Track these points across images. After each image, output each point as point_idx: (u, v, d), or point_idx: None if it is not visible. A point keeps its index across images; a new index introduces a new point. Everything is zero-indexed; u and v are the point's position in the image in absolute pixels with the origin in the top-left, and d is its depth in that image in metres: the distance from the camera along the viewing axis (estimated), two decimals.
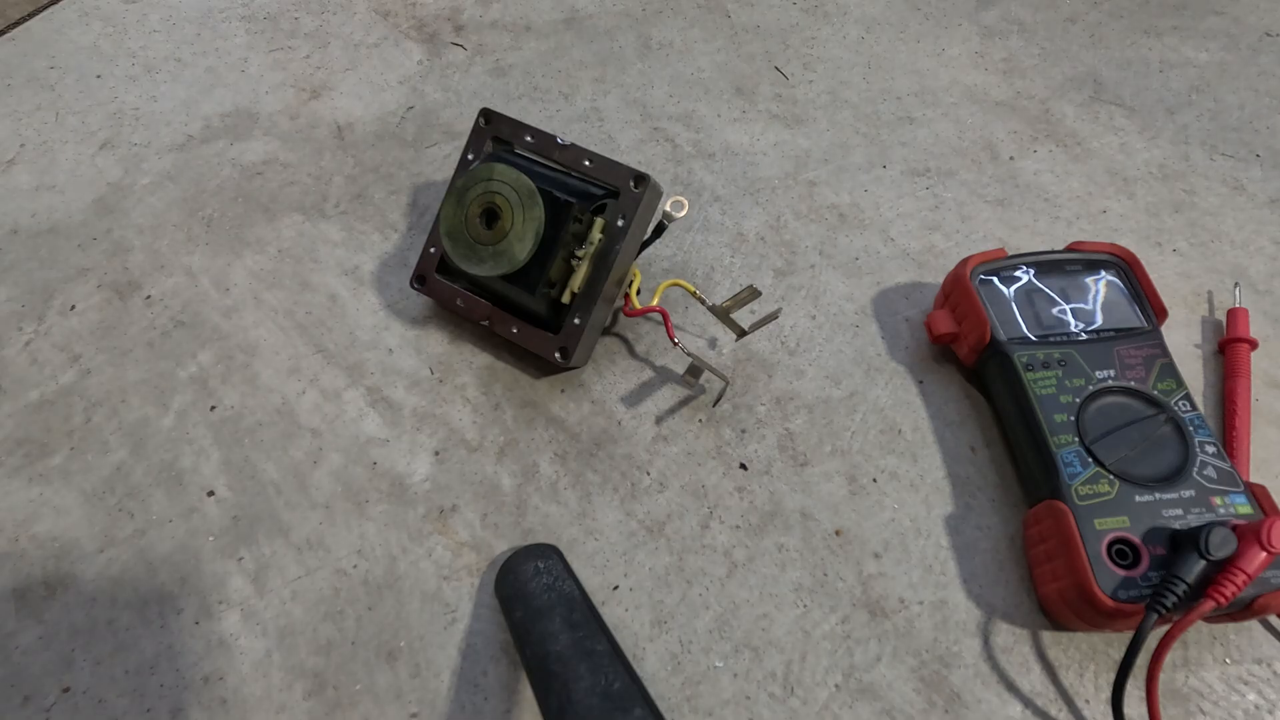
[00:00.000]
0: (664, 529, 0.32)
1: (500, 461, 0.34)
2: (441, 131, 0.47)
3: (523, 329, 0.35)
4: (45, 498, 0.34)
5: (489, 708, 0.28)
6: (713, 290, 0.39)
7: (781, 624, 0.29)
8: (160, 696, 0.29)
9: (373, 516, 0.33)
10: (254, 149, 0.47)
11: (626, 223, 0.33)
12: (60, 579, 0.32)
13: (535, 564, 0.29)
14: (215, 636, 0.30)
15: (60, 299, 0.40)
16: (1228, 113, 0.46)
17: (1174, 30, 0.51)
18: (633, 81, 0.49)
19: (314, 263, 0.41)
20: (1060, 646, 0.29)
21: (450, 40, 0.53)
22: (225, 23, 0.55)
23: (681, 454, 0.34)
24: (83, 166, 0.46)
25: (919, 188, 0.43)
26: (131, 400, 0.37)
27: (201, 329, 0.39)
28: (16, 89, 0.51)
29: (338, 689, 0.29)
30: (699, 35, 0.52)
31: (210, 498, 0.34)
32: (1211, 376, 0.35)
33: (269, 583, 0.31)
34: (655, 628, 0.30)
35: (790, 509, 0.32)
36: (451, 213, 0.34)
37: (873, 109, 0.47)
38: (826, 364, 0.36)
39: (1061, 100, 0.47)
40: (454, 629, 0.30)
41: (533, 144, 0.36)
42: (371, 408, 0.36)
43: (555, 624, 0.27)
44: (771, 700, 0.28)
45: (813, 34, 0.52)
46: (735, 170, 0.44)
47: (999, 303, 0.33)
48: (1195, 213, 0.41)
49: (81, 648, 0.30)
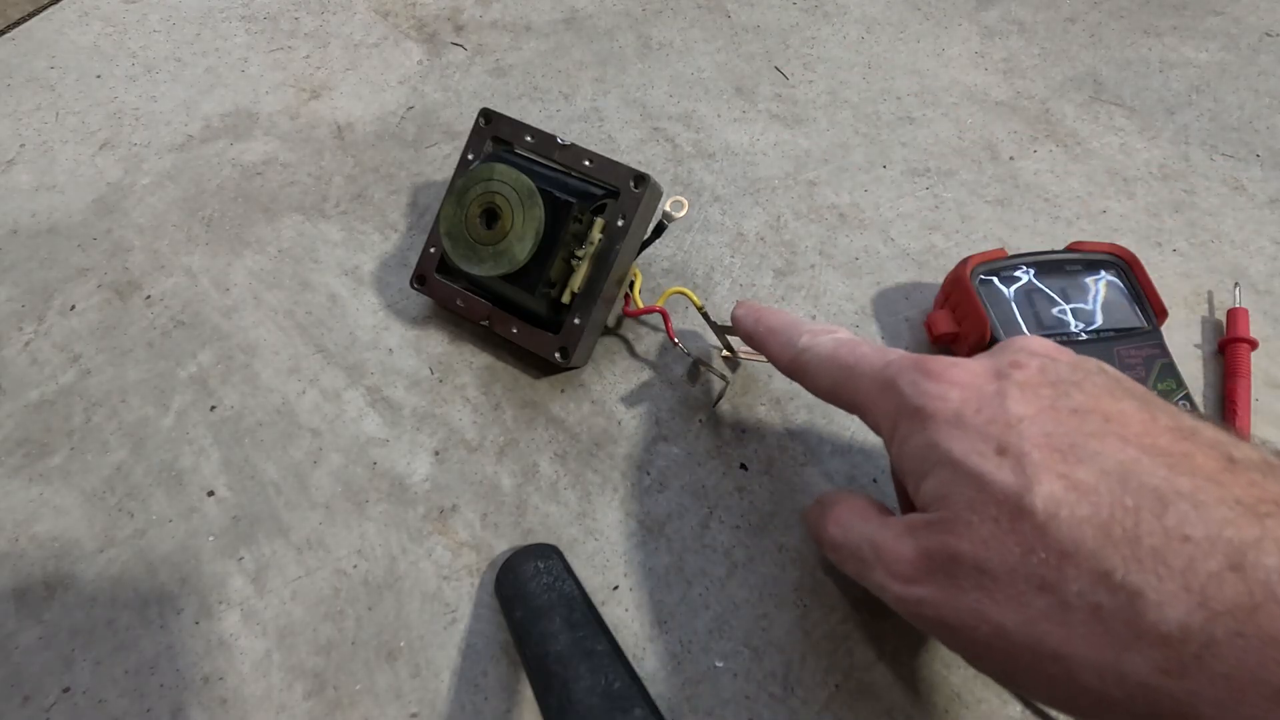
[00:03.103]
0: (664, 529, 0.32)
1: (500, 461, 0.34)
2: (441, 131, 0.47)
3: (523, 329, 0.35)
4: (45, 498, 0.34)
5: (489, 708, 0.28)
6: (713, 290, 0.39)
7: (781, 624, 0.29)
8: (160, 696, 0.29)
9: (373, 516, 0.33)
10: (254, 149, 0.47)
11: (626, 223, 0.33)
12: (60, 579, 0.32)
13: (535, 564, 0.29)
14: (215, 636, 0.30)
15: (60, 299, 0.40)
16: (1228, 113, 0.46)
17: (1174, 30, 0.51)
18: (633, 81, 0.49)
19: (314, 263, 0.41)
20: None
21: (450, 40, 0.53)
22: (225, 23, 0.55)
23: (681, 454, 0.34)
24: (83, 166, 0.46)
25: (919, 188, 0.43)
26: (131, 400, 0.37)
27: (201, 329, 0.39)
28: (16, 89, 0.51)
29: (338, 689, 0.29)
30: (699, 35, 0.52)
31: (210, 498, 0.34)
32: (1211, 376, 0.35)
33: (269, 583, 0.31)
34: (655, 628, 0.30)
35: (790, 509, 0.32)
36: (451, 213, 0.34)
37: (873, 109, 0.47)
38: None
39: (1061, 100, 0.47)
40: (454, 629, 0.30)
41: (533, 144, 0.36)
42: (371, 408, 0.36)
43: (555, 624, 0.27)
44: (771, 700, 0.28)
45: (813, 34, 0.52)
46: (735, 170, 0.44)
47: (999, 303, 0.33)
48: (1195, 213, 0.41)
49: (81, 648, 0.30)
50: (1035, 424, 0.19)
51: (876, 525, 0.23)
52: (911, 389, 0.22)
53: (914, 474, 0.22)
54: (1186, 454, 0.18)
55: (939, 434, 0.21)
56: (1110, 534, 0.17)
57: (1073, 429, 0.19)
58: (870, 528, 0.23)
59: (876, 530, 0.23)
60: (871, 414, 0.24)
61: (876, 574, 0.22)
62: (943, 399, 0.21)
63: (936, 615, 0.20)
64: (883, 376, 0.23)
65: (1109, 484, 0.18)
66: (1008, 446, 0.19)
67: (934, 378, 0.22)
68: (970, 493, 0.19)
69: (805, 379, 0.27)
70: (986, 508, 0.19)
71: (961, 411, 0.20)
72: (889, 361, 0.23)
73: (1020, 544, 0.18)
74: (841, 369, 0.25)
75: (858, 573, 0.24)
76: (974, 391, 0.21)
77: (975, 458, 0.19)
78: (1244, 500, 0.17)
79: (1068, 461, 0.18)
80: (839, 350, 0.26)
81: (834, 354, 0.26)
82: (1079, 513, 0.18)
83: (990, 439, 0.20)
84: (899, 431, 0.22)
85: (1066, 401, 0.20)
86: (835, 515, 0.25)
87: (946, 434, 0.20)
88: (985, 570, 0.19)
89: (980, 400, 0.20)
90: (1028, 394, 0.20)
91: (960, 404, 0.21)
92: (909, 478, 0.22)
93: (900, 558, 0.21)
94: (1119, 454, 0.18)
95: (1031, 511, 0.18)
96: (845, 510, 0.25)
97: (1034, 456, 0.19)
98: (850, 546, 0.24)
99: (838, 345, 0.26)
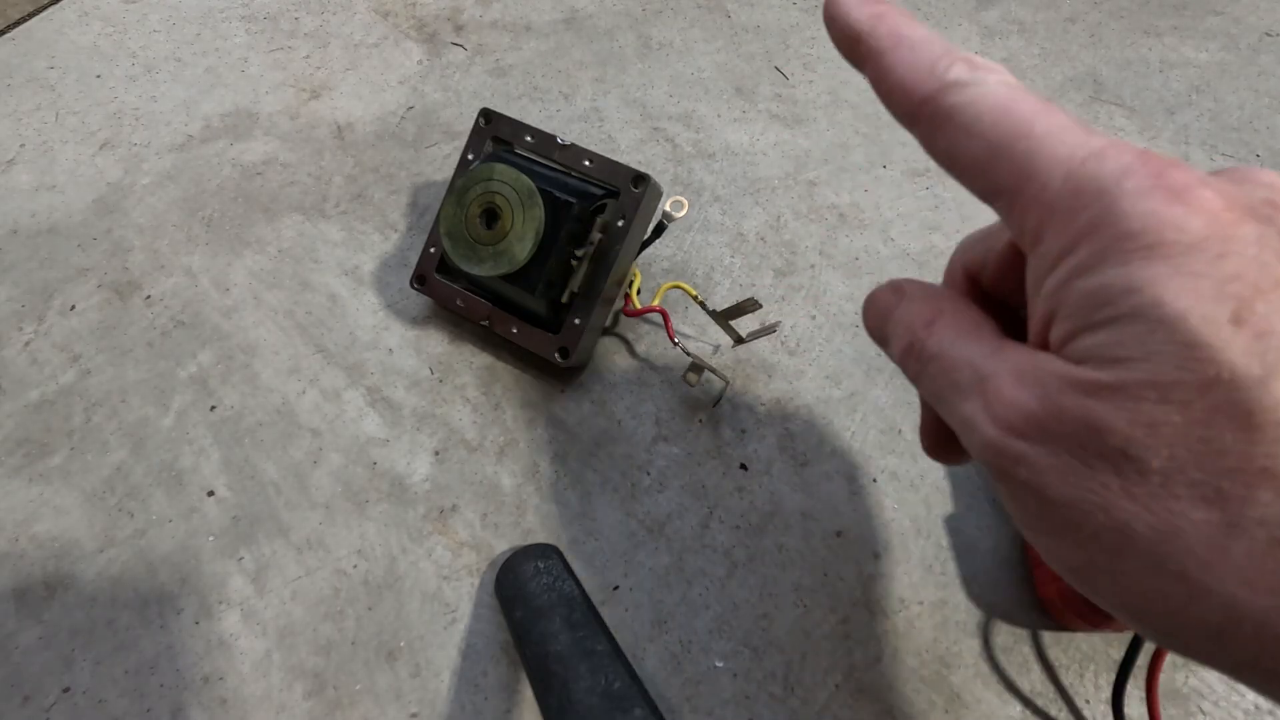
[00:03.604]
0: (664, 529, 0.32)
1: (500, 461, 0.34)
2: (441, 131, 0.47)
3: (523, 329, 0.35)
4: (45, 498, 0.34)
5: (489, 708, 0.28)
6: (713, 290, 0.39)
7: (781, 624, 0.29)
8: (160, 696, 0.29)
9: (373, 516, 0.33)
10: (254, 149, 0.47)
11: (626, 223, 0.33)
12: (60, 579, 0.32)
13: (535, 564, 0.29)
14: (215, 636, 0.30)
15: (60, 299, 0.40)
16: (1228, 113, 0.46)
17: (1174, 30, 0.51)
18: (633, 81, 0.49)
19: (314, 263, 0.41)
20: (1060, 646, 0.29)
21: (450, 40, 0.53)
22: (225, 23, 0.55)
23: (681, 454, 0.34)
24: (83, 166, 0.46)
25: (919, 188, 0.43)
26: (131, 400, 0.37)
27: (201, 329, 0.39)
28: (16, 89, 0.51)
29: (338, 689, 0.29)
30: (699, 35, 0.52)
31: (210, 498, 0.34)
32: None
33: (269, 583, 0.31)
34: (655, 628, 0.30)
35: (790, 509, 0.32)
36: (451, 213, 0.34)
37: (873, 109, 0.47)
38: (826, 364, 0.36)
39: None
40: (454, 629, 0.30)
41: (533, 144, 0.36)
42: (371, 408, 0.36)
43: (555, 624, 0.27)
44: (771, 700, 0.28)
45: (813, 34, 0.52)
46: (735, 170, 0.44)
47: None
48: None
49: (81, 648, 0.30)
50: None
51: (990, 350, 0.17)
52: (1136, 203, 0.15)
53: (1078, 317, 0.15)
54: None
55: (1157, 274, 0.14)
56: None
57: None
58: (981, 351, 0.17)
59: (989, 357, 0.17)
60: (1033, 212, 0.16)
61: (968, 406, 0.17)
62: (1179, 228, 0.15)
63: (1036, 482, 0.15)
64: (1086, 171, 0.16)
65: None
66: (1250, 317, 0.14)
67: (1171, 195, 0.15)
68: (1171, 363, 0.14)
69: (942, 129, 0.18)
70: (1184, 388, 0.14)
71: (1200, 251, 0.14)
72: (1099, 150, 0.16)
73: (1210, 444, 0.14)
74: (1017, 131, 0.17)
75: (938, 393, 0.18)
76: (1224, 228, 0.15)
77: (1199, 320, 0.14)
78: None
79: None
80: (1018, 102, 0.18)
81: (1010, 105, 0.18)
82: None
83: (1229, 299, 0.14)
84: (1081, 254, 0.15)
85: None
86: (935, 325, 0.19)
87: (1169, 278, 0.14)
88: (1137, 460, 0.14)
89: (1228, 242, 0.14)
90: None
91: (1201, 239, 0.14)
92: (1064, 319, 0.16)
93: (1014, 404, 0.16)
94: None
95: (1251, 411, 0.13)
96: (948, 323, 0.19)
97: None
98: (945, 362, 0.18)
99: (1015, 93, 0.18)
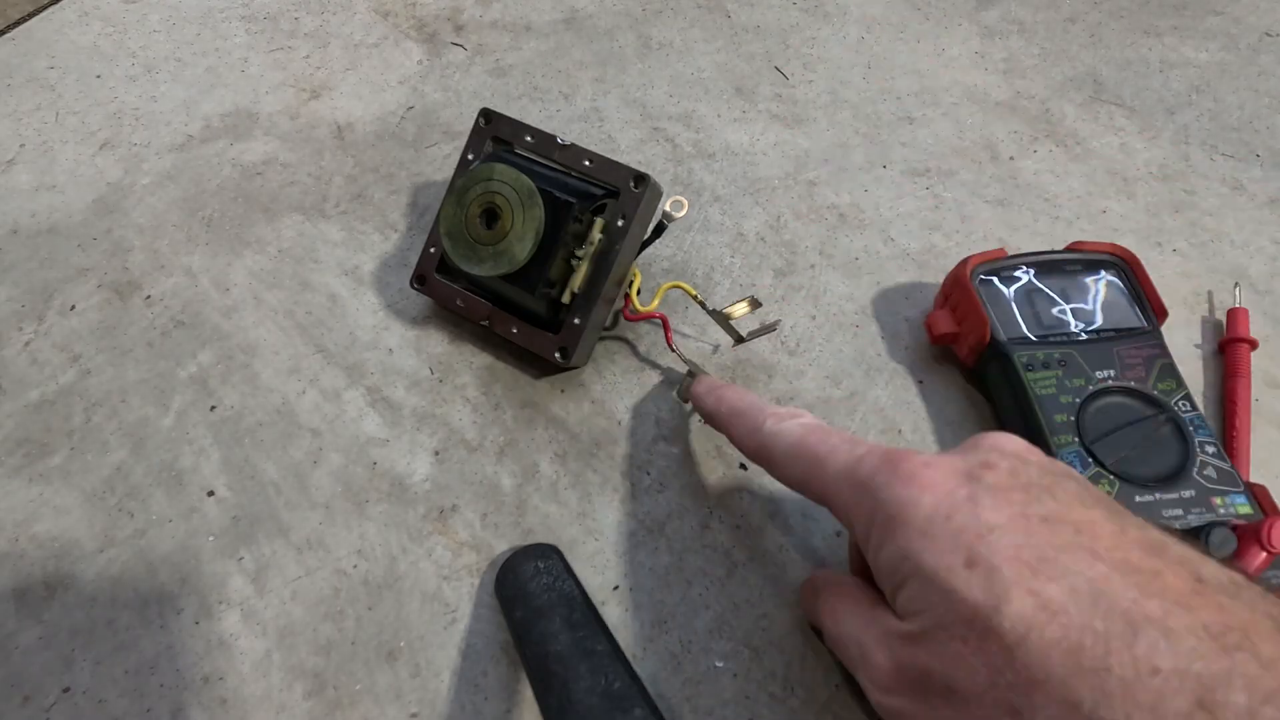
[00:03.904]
0: (664, 529, 0.32)
1: (500, 461, 0.34)
2: (441, 131, 0.47)
3: (523, 329, 0.35)
4: (45, 498, 0.34)
5: (489, 708, 0.28)
6: (712, 290, 0.39)
7: (782, 624, 0.29)
8: (160, 696, 0.29)
9: (373, 516, 0.33)
10: (254, 149, 0.47)
11: (626, 223, 0.33)
12: (60, 579, 0.32)
13: (535, 564, 0.29)
14: (215, 636, 0.30)
15: (60, 299, 0.40)
16: (1228, 113, 0.46)
17: (1174, 30, 0.51)
18: (633, 81, 0.49)
19: (314, 263, 0.41)
20: None
21: (450, 40, 0.53)
22: (225, 23, 0.55)
23: (681, 454, 0.34)
24: (83, 166, 0.46)
25: (919, 188, 0.43)
26: (131, 400, 0.37)
27: (201, 329, 0.39)
28: (16, 89, 0.51)
29: (338, 689, 0.29)
30: (699, 35, 0.52)
31: (210, 498, 0.34)
32: (1211, 376, 0.35)
33: (269, 583, 0.31)
34: (655, 628, 0.30)
35: (790, 509, 0.32)
36: (451, 213, 0.34)
37: (873, 109, 0.47)
38: (826, 364, 0.36)
39: (1061, 100, 0.47)
40: (454, 629, 0.30)
41: (533, 144, 0.36)
42: (371, 408, 0.36)
43: (555, 624, 0.27)
44: (771, 700, 0.28)
45: (813, 34, 0.52)
46: (735, 170, 0.44)
47: (999, 303, 0.33)
48: (1195, 213, 0.41)
49: (81, 648, 0.30)
50: (1006, 534, 0.19)
51: (864, 624, 0.23)
52: (885, 492, 0.21)
53: (890, 582, 0.22)
54: (1156, 572, 0.18)
55: (911, 543, 0.20)
56: (1080, 662, 0.17)
57: (1043, 541, 0.19)
58: (858, 627, 0.23)
59: (863, 631, 0.23)
60: (843, 513, 0.23)
61: (861, 675, 0.23)
62: (915, 505, 0.21)
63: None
64: (855, 475, 0.23)
65: (1079, 604, 0.17)
66: (978, 559, 0.19)
67: (906, 481, 0.21)
68: (940, 609, 0.19)
69: (771, 466, 0.26)
70: (955, 625, 0.19)
71: (933, 518, 0.20)
72: (860, 457, 0.23)
73: (988, 666, 0.18)
74: (811, 461, 0.24)
75: (848, 665, 0.24)
76: (945, 495, 0.21)
77: (944, 572, 0.19)
78: (1212, 628, 0.17)
79: (1038, 577, 0.18)
80: (807, 439, 0.25)
81: (802, 443, 0.25)
82: (1048, 635, 0.17)
83: (960, 549, 0.19)
84: (873, 538, 0.22)
85: (1037, 508, 0.20)
86: (829, 607, 0.25)
87: (918, 544, 0.20)
88: (955, 690, 0.19)
89: (951, 506, 0.20)
90: (999, 499, 0.20)
91: (932, 510, 0.20)
92: (885, 585, 0.22)
93: (879, 666, 0.21)
94: (1089, 570, 0.18)
95: (1000, 633, 0.18)
96: (838, 601, 0.25)
97: (1004, 571, 0.18)
98: (841, 642, 0.24)
99: (806, 433, 0.25)
